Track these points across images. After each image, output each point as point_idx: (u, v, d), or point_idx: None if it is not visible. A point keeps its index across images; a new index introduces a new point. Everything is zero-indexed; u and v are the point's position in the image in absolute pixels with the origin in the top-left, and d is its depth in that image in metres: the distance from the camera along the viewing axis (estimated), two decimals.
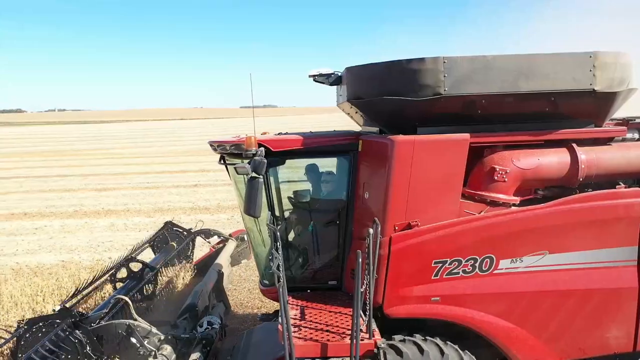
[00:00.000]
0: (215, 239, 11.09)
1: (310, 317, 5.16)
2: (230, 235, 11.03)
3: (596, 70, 4.81)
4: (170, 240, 10.29)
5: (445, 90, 4.77)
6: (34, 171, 34.13)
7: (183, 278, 9.58)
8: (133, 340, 6.16)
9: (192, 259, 10.40)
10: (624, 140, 5.87)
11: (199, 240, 10.86)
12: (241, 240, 10.92)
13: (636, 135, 5.94)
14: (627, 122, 5.86)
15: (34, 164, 39.03)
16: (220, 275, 9.07)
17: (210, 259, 10.10)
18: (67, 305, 6.75)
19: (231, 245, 10.57)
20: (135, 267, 8.55)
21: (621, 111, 5.76)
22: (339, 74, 5.80)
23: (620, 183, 5.25)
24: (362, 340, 4.59)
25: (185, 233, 10.47)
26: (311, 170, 6.03)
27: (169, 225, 10.46)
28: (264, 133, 6.25)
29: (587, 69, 4.80)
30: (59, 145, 57.38)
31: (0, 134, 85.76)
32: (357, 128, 6.42)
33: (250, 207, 4.83)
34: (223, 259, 9.77)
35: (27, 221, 18.68)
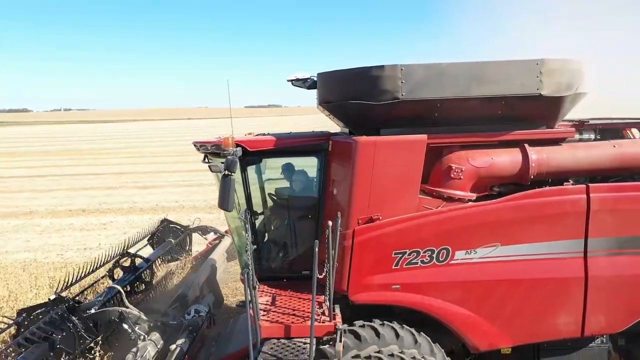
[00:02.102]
0: (212, 236, 11.63)
1: (280, 302, 5.62)
2: (226, 232, 11.53)
3: (543, 76, 5.19)
4: (169, 236, 10.80)
5: (402, 95, 5.18)
6: (63, 169, 35.08)
7: (180, 272, 10.09)
8: (125, 326, 6.67)
9: (190, 254, 10.93)
10: (581, 140, 6.27)
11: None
12: None
13: (592, 136, 6.34)
14: (582, 124, 6.24)
15: (58, 162, 40.09)
16: (214, 268, 9.55)
17: (206, 254, 10.62)
18: (64, 294, 7.26)
19: (226, 242, 11.06)
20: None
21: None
22: (314, 78, 6.24)
23: (570, 180, 5.64)
24: (323, 322, 5.04)
25: (182, 229, 10.99)
26: (287, 169, 6.48)
27: (166, 222, 10.98)
28: (249, 133, 6.72)
29: (534, 75, 5.19)
30: (76, 144, 58.54)
31: (14, 133, 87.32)
32: (337, 129, 6.86)
33: (223, 202, 5.30)
34: (218, 254, 10.27)
35: (90, 217, 19.22)
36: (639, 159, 5.60)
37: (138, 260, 9.08)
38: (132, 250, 9.28)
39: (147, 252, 9.77)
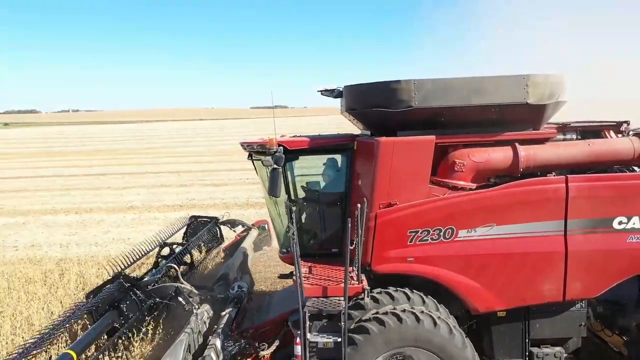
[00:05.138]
0: (240, 228, 12.86)
1: (317, 272, 6.86)
2: (252, 224, 12.80)
3: (529, 88, 6.38)
4: (200, 229, 12.06)
5: (415, 103, 6.39)
6: (120, 168, 36.84)
7: (214, 259, 11.37)
8: (180, 299, 7.91)
9: (221, 244, 12.18)
10: (564, 140, 7.47)
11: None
12: (262, 229, 12.66)
13: (574, 136, 7.55)
14: (565, 126, 7.45)
15: (106, 162, 41.87)
16: (246, 256, 10.82)
17: (236, 244, 11.87)
18: (127, 272, 8.56)
19: (254, 233, 12.30)
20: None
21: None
22: (341, 89, 7.47)
23: (553, 172, 6.84)
24: (352, 285, 6.28)
25: (211, 223, 12.24)
26: (326, 164, 7.70)
27: (194, 218, 12.24)
28: (283, 135, 7.96)
29: (521, 87, 6.37)
30: (106, 145, 60.30)
31: (35, 133, 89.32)
32: (357, 131, 8.09)
33: (272, 190, 6.58)
34: (247, 244, 11.52)
35: (194, 211, 19.40)
36: (609, 155, 6.79)
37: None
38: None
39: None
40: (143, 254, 9.69)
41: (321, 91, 7.59)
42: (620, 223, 6.51)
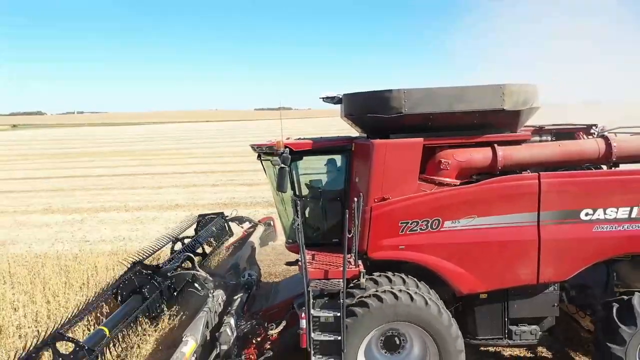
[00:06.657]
0: (247, 225, 13.74)
1: (319, 259, 7.73)
2: (259, 221, 13.68)
3: (505, 96, 7.22)
4: (210, 225, 12.92)
5: (405, 110, 7.24)
6: (145, 169, 37.54)
7: (223, 253, 12.24)
8: (196, 284, 8.81)
9: (229, 240, 13.06)
10: (540, 141, 8.34)
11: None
12: (267, 226, 13.55)
13: (549, 138, 8.42)
14: (541, 129, 8.32)
15: (126, 162, 42.71)
16: (253, 249, 11.70)
17: (243, 240, 12.75)
18: (148, 261, 9.45)
19: (260, 229, 13.17)
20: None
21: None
22: (340, 96, 8.35)
23: (529, 170, 7.70)
24: (350, 268, 7.18)
25: (222, 219, 13.11)
26: (327, 164, 8.59)
27: (201, 217, 13.10)
28: (288, 138, 8.85)
29: (498, 95, 7.23)
30: (124, 146, 61.32)
31: (45, 135, 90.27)
32: (355, 134, 8.99)
33: (280, 186, 7.47)
34: (254, 239, 12.39)
35: (240, 209, 19.47)
36: (577, 155, 7.63)
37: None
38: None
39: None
40: (159, 246, 10.65)
41: (323, 98, 8.48)
42: (586, 214, 7.32)
